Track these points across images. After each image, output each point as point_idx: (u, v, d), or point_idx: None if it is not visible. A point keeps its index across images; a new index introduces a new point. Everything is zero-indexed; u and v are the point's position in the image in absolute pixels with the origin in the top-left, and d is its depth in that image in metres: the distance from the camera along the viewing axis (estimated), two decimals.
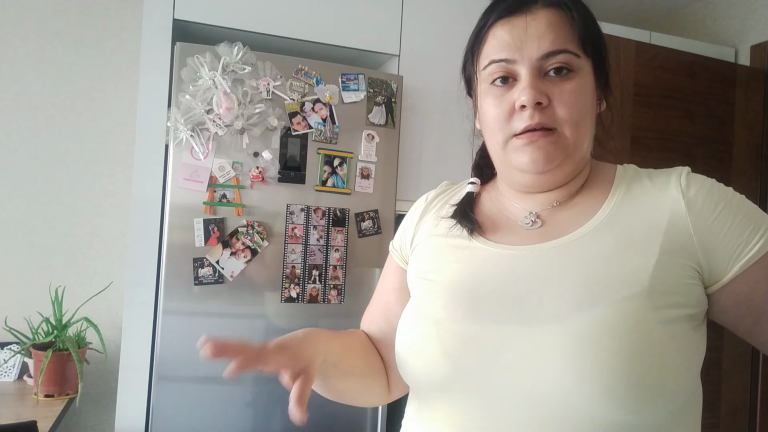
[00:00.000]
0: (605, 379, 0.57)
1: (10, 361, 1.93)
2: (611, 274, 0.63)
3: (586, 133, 0.69)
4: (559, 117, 0.66)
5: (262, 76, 1.65)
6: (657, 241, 0.64)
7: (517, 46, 0.67)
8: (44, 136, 2.07)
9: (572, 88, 0.67)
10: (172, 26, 1.66)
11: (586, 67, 0.69)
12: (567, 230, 0.69)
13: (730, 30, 2.38)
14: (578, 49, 0.67)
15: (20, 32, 2.05)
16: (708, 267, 0.64)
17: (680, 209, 0.65)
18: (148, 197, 1.62)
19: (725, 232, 0.64)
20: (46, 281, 2.02)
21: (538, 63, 0.66)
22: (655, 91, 1.96)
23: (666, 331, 0.60)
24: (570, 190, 0.73)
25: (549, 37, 0.66)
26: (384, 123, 1.79)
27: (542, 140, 0.66)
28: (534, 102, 0.65)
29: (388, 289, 0.86)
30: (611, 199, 0.70)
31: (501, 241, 0.72)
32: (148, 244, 1.61)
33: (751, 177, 2.12)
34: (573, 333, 0.59)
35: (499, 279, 0.68)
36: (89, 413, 2.10)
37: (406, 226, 0.86)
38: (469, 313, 0.67)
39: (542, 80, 0.66)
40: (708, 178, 0.69)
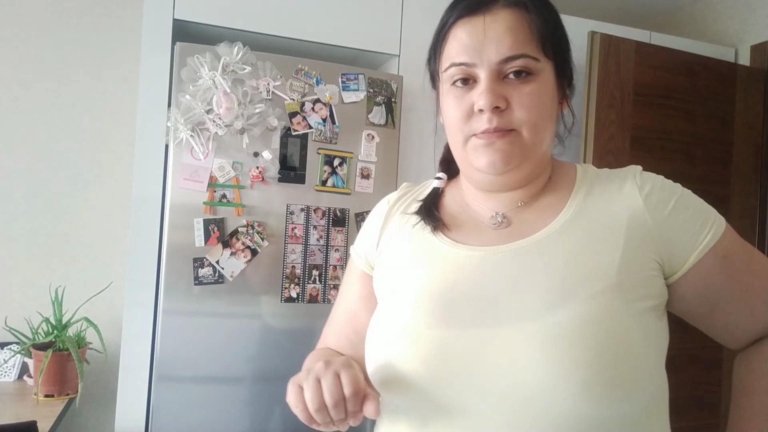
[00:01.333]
0: (584, 375, 0.58)
1: (10, 361, 1.93)
2: (580, 270, 0.64)
3: (545, 134, 0.70)
4: (518, 119, 0.67)
5: (262, 76, 1.65)
6: (620, 237, 0.66)
7: (477, 50, 0.67)
8: (44, 136, 2.07)
9: (531, 90, 0.67)
10: (172, 26, 1.65)
11: (547, 69, 0.69)
12: (533, 229, 0.70)
13: (730, 30, 2.37)
14: (538, 52, 0.67)
15: (20, 32, 2.05)
16: (668, 258, 0.67)
17: (638, 205, 0.68)
18: (148, 197, 1.62)
19: (680, 224, 0.67)
20: (46, 281, 2.02)
21: (497, 67, 0.66)
22: (655, 91, 1.95)
23: (636, 324, 0.62)
24: (533, 190, 0.74)
25: (507, 41, 0.66)
26: (384, 123, 1.79)
27: (500, 141, 0.67)
28: (491, 106, 0.66)
29: (354, 297, 0.84)
30: (574, 198, 0.71)
31: (469, 243, 0.72)
32: (148, 244, 1.61)
33: (751, 177, 2.12)
34: (548, 331, 0.60)
35: (471, 281, 0.68)
36: (89, 413, 2.10)
37: (369, 230, 0.84)
38: (443, 319, 0.66)
39: (501, 83, 0.67)
40: (658, 175, 0.72)
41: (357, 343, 0.80)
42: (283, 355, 1.65)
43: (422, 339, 0.66)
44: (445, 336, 0.65)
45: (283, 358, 1.65)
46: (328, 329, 0.87)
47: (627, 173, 0.72)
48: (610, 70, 1.87)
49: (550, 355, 0.59)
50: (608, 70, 1.87)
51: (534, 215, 0.72)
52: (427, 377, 0.64)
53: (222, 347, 1.62)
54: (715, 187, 2.03)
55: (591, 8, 2.59)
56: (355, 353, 0.80)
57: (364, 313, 0.80)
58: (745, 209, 2.10)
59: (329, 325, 0.87)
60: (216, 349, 1.61)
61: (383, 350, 0.69)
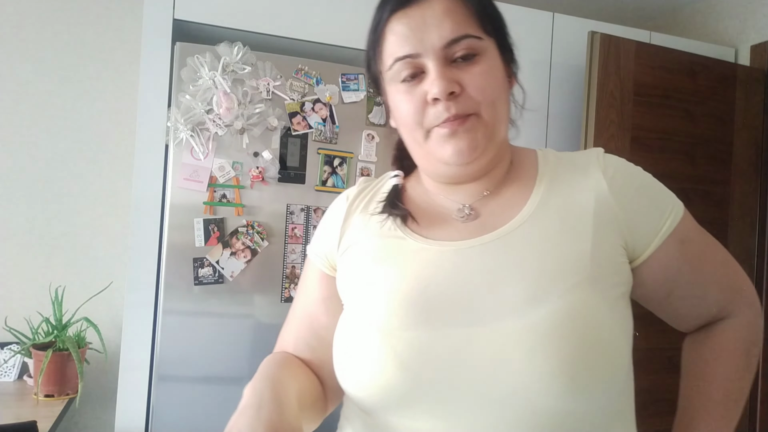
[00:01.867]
0: (568, 371, 0.57)
1: (10, 361, 1.93)
2: (554, 263, 0.63)
3: (503, 113, 0.69)
4: (475, 101, 0.65)
5: (262, 76, 1.65)
6: (589, 224, 0.65)
7: (419, 39, 0.65)
8: (44, 136, 2.07)
9: (481, 70, 0.65)
10: (172, 26, 1.65)
11: (491, 47, 0.67)
12: (503, 220, 0.68)
13: (730, 30, 2.37)
14: (479, 30, 0.66)
15: (20, 32, 2.05)
16: (632, 243, 0.67)
17: (603, 189, 0.67)
18: (148, 197, 1.62)
19: (644, 207, 0.67)
20: (46, 281, 2.02)
21: (443, 52, 0.64)
22: (655, 91, 1.95)
23: (612, 314, 0.62)
24: (496, 178, 0.72)
25: (448, 25, 0.64)
26: (384, 123, 1.79)
27: (462, 128, 0.65)
28: (446, 93, 0.63)
29: (314, 300, 0.78)
30: (539, 186, 0.70)
31: (439, 238, 0.69)
32: (148, 244, 1.61)
33: (751, 177, 2.12)
34: (531, 329, 0.59)
35: (446, 279, 0.65)
36: (89, 413, 2.10)
37: (329, 229, 0.79)
38: (420, 319, 0.63)
39: (451, 68, 0.65)
40: (620, 157, 0.71)
41: (317, 347, 0.76)
42: None
43: (399, 341, 0.63)
44: (423, 337, 0.63)
45: None
46: (285, 333, 0.81)
47: (589, 156, 0.71)
48: (610, 70, 1.87)
49: (534, 353, 0.58)
50: (608, 70, 1.87)
51: (500, 205, 0.70)
52: (408, 381, 0.61)
53: (222, 347, 1.62)
54: (715, 187, 2.03)
55: (591, 8, 2.59)
56: (314, 357, 0.77)
57: (325, 316, 0.76)
58: (745, 209, 2.10)
59: (286, 328, 0.81)
60: (216, 349, 1.61)
61: (356, 355, 0.65)
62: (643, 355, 1.43)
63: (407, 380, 0.61)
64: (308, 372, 0.76)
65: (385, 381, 0.62)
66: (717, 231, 2.04)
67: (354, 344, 0.66)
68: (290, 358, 0.76)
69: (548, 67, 2.00)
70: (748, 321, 0.74)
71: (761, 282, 2.13)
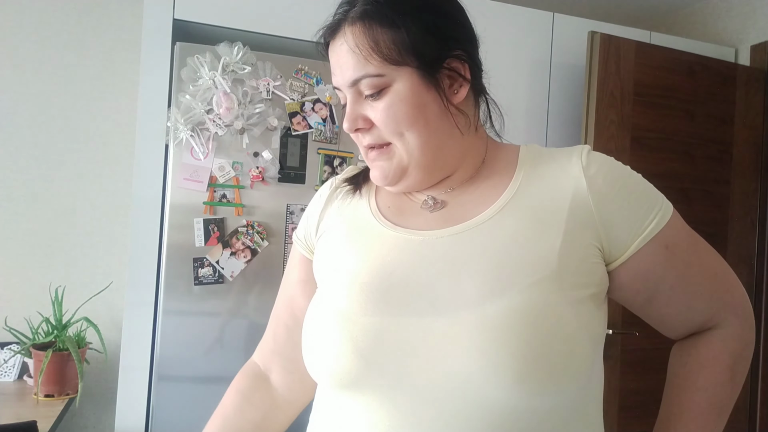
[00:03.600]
0: (519, 367, 0.57)
1: (10, 361, 1.93)
2: (519, 258, 0.63)
3: (427, 137, 0.67)
4: (384, 134, 0.68)
5: (262, 76, 1.65)
6: (562, 221, 0.64)
7: (336, 75, 0.69)
8: (44, 136, 2.07)
9: (384, 105, 0.66)
10: (172, 26, 1.65)
11: (403, 77, 0.66)
12: (473, 213, 0.68)
13: (730, 30, 2.37)
14: (382, 65, 0.65)
15: (20, 32, 2.05)
16: (608, 245, 0.65)
17: (581, 187, 0.66)
18: (148, 197, 1.62)
19: (625, 209, 0.65)
20: (46, 281, 2.02)
21: (352, 89, 0.67)
22: (655, 91, 1.95)
23: (573, 313, 0.61)
24: (460, 178, 0.72)
25: (350, 64, 0.66)
26: None
27: (379, 160, 0.70)
28: (351, 130, 0.69)
29: (293, 281, 0.83)
30: (515, 180, 0.69)
31: (408, 226, 0.70)
32: (148, 244, 1.61)
33: (751, 177, 2.12)
34: (485, 322, 0.59)
35: (408, 267, 0.66)
36: (89, 413, 2.10)
37: (310, 213, 0.82)
38: (380, 305, 0.65)
39: (362, 103, 0.68)
40: (607, 156, 0.69)
41: (293, 328, 0.80)
42: None
43: (357, 326, 0.64)
44: (379, 324, 0.64)
45: None
46: (272, 313, 0.87)
47: (572, 152, 0.69)
48: (610, 70, 1.87)
49: (486, 347, 0.58)
50: (608, 70, 1.87)
51: (472, 198, 0.70)
52: (361, 366, 0.63)
53: (222, 347, 1.62)
54: (715, 187, 2.03)
55: (591, 8, 2.59)
56: (290, 340, 0.81)
57: (302, 298, 0.80)
58: (745, 209, 2.10)
59: (274, 308, 0.87)
60: (216, 349, 1.61)
61: (317, 337, 0.67)
62: (644, 355, 1.43)
63: (360, 365, 0.63)
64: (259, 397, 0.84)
65: (339, 364, 0.64)
66: (717, 231, 2.05)
67: (316, 326, 0.68)
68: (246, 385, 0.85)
69: (548, 67, 2.00)
70: (737, 333, 0.72)
71: (761, 282, 2.13)
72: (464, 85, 0.70)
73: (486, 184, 0.71)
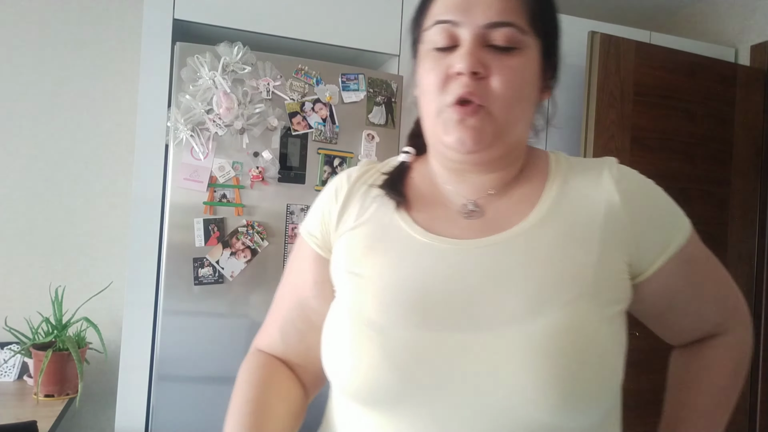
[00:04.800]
0: (564, 387, 0.56)
1: (10, 361, 1.93)
2: (558, 273, 0.61)
3: (519, 115, 0.65)
4: (493, 92, 0.61)
5: (262, 76, 1.65)
6: (596, 236, 0.63)
7: (465, 9, 0.62)
8: (44, 136, 2.07)
9: (514, 64, 0.62)
10: (172, 26, 1.66)
11: (533, 47, 0.64)
12: (509, 222, 0.66)
13: (730, 30, 2.37)
14: (526, 24, 0.63)
15: (20, 32, 2.05)
16: (637, 259, 0.65)
17: (614, 201, 0.65)
18: (148, 197, 1.62)
19: (654, 225, 0.65)
20: (46, 281, 2.02)
21: (482, 31, 0.61)
22: (655, 91, 1.95)
23: (609, 330, 0.61)
24: (505, 177, 0.69)
25: (497, 6, 0.61)
26: (384, 123, 1.79)
27: (471, 119, 0.62)
28: (470, 70, 0.60)
29: (307, 283, 0.75)
30: (549, 190, 0.68)
31: (440, 232, 0.67)
32: (148, 244, 1.61)
33: (751, 177, 2.12)
34: (529, 340, 0.58)
35: (445, 278, 0.63)
36: (89, 413, 2.10)
37: (327, 209, 0.74)
38: (414, 319, 0.61)
39: (483, 50, 0.62)
40: (634, 170, 0.69)
41: (307, 332, 0.74)
42: None
43: (391, 341, 0.61)
44: (417, 339, 0.60)
45: None
46: (270, 322, 0.79)
47: (602, 165, 0.68)
48: (610, 70, 1.87)
49: (528, 365, 0.57)
50: (608, 70, 1.87)
51: (507, 206, 0.68)
52: (397, 382, 0.59)
53: (222, 347, 1.62)
54: (715, 187, 2.03)
55: (591, 8, 2.59)
56: (301, 343, 0.75)
57: (316, 300, 0.73)
58: (745, 209, 2.10)
59: (272, 316, 0.79)
60: (216, 349, 1.61)
61: (345, 349, 0.63)
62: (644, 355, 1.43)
63: (398, 381, 0.60)
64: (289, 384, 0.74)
65: (374, 379, 0.60)
66: (717, 231, 2.05)
67: (344, 338, 0.64)
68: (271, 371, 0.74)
69: None
70: (740, 340, 0.75)
71: (761, 282, 2.13)
72: (553, 82, 0.70)
73: (522, 192, 0.69)
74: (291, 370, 0.77)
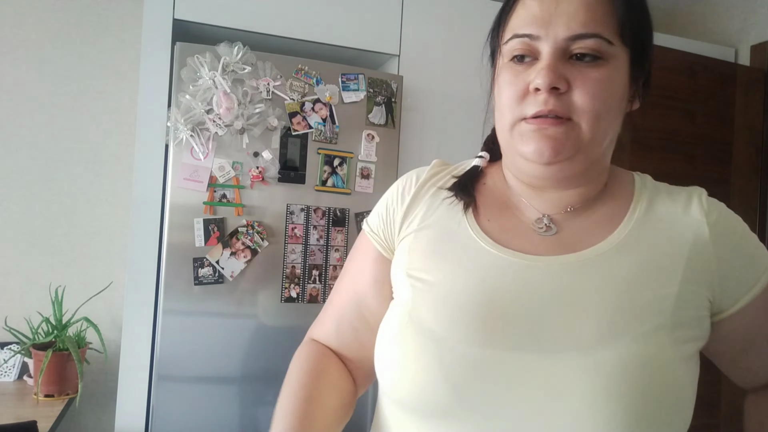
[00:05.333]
0: (629, 422, 0.53)
1: (10, 361, 1.93)
2: (635, 301, 0.58)
3: (607, 129, 0.61)
4: (578, 106, 0.58)
5: (262, 76, 1.65)
6: (680, 268, 0.60)
7: (545, 21, 0.59)
8: (44, 136, 2.07)
9: (599, 76, 0.58)
10: (172, 26, 1.65)
11: (621, 57, 0.60)
12: (587, 243, 0.62)
13: (730, 30, 2.37)
14: (614, 34, 0.59)
15: (20, 32, 2.05)
16: (720, 297, 0.62)
17: (703, 234, 0.62)
18: (148, 197, 1.62)
19: (741, 262, 0.63)
20: (46, 281, 2.02)
21: (564, 44, 0.58)
22: (655, 91, 1.94)
23: (685, 369, 0.58)
24: (586, 195, 0.65)
25: (581, 17, 0.58)
26: (384, 123, 1.79)
27: (553, 129, 0.58)
28: (549, 86, 0.57)
29: (365, 281, 0.73)
30: (633, 213, 0.64)
31: (512, 246, 0.63)
32: (148, 244, 1.61)
33: (751, 177, 2.12)
34: (598, 370, 0.55)
35: (513, 294, 0.60)
36: (89, 413, 2.10)
37: (392, 208, 0.72)
38: (477, 333, 0.58)
39: (565, 63, 0.59)
40: (720, 202, 0.66)
41: (362, 330, 0.73)
42: (283, 354, 1.65)
43: (450, 354, 0.58)
44: (478, 355, 0.57)
45: (283, 358, 1.65)
46: (326, 314, 0.78)
47: (692, 193, 0.65)
48: None
49: (595, 395, 0.53)
50: None
51: (587, 225, 0.64)
52: (452, 398, 0.57)
53: (222, 347, 1.62)
54: (716, 187, 2.02)
55: None
56: (356, 341, 0.74)
57: (374, 300, 0.72)
58: (745, 209, 2.10)
59: (329, 308, 0.77)
60: (216, 349, 1.61)
61: (400, 357, 0.61)
62: None
63: (451, 398, 0.57)
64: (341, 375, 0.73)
65: (429, 392, 0.58)
66: None
67: (400, 345, 0.62)
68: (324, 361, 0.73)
69: None
70: None
71: None
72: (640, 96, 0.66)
73: (603, 212, 0.65)
74: (343, 362, 0.76)
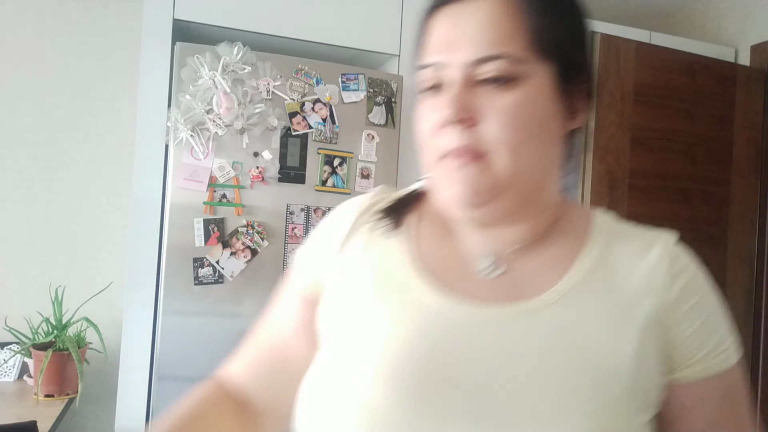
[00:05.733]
0: None
1: (10, 361, 1.93)
2: (590, 363, 0.53)
3: (532, 160, 0.54)
4: (490, 139, 0.52)
5: (262, 76, 1.65)
6: (637, 320, 0.55)
7: (449, 46, 0.53)
8: (44, 136, 2.07)
9: (511, 101, 0.52)
10: (172, 26, 1.66)
11: (539, 73, 0.53)
12: (537, 286, 0.56)
13: (730, 30, 2.37)
14: (526, 49, 0.52)
15: (20, 32, 2.05)
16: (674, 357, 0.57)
17: (663, 284, 0.56)
18: (148, 197, 1.62)
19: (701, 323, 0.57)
20: (46, 281, 2.02)
21: (470, 69, 0.52)
22: (655, 91, 1.95)
23: None
24: (533, 230, 0.59)
25: (485, 37, 0.52)
26: (384, 123, 1.79)
27: (468, 169, 0.52)
28: (455, 118, 0.52)
29: (290, 325, 0.66)
30: (588, 254, 0.58)
31: (456, 287, 0.57)
32: (148, 244, 1.61)
33: (751, 177, 2.12)
34: None
35: (454, 355, 0.53)
36: (89, 413, 2.10)
37: (327, 242, 0.65)
38: (412, 401, 0.51)
39: (474, 90, 0.52)
40: (691, 258, 0.60)
41: (277, 374, 0.66)
42: None
43: (380, 424, 0.51)
44: (414, 427, 0.51)
45: None
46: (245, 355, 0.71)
47: (657, 238, 0.59)
48: (610, 70, 1.87)
49: None
50: (608, 70, 1.87)
51: (536, 266, 0.58)
52: None
53: (222, 347, 1.61)
54: (715, 187, 2.03)
55: (591, 8, 2.59)
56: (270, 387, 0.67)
57: (299, 345, 0.65)
58: (745, 209, 2.10)
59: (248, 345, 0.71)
60: (216, 349, 1.61)
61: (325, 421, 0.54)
62: None
63: None
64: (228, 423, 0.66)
65: None
66: (717, 231, 2.05)
67: (324, 408, 0.55)
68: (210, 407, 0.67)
69: None
70: None
71: (761, 282, 2.13)
72: (583, 110, 0.59)
73: (554, 250, 0.59)
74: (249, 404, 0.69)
